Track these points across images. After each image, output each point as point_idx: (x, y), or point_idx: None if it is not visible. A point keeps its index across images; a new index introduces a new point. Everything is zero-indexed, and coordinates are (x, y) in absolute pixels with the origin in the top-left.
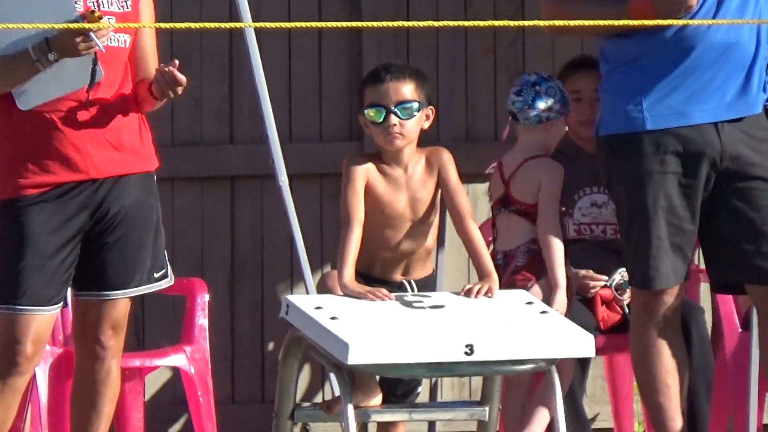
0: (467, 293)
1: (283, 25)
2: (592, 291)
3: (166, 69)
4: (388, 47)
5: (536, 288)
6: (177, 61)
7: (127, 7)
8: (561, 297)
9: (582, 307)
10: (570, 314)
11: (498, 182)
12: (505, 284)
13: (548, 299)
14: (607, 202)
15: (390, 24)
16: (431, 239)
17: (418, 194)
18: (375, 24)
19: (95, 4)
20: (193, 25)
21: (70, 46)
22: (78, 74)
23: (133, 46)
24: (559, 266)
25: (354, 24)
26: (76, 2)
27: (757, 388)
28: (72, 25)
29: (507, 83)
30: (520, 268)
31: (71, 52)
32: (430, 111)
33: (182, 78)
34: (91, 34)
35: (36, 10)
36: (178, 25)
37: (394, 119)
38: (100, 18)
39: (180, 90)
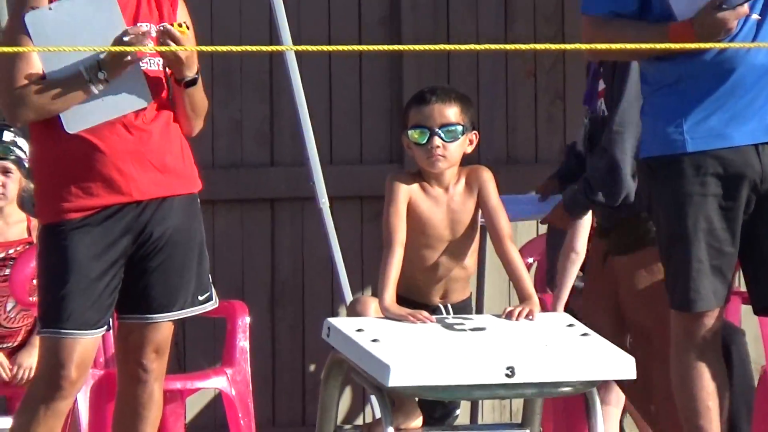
0: (508, 316)
1: (324, 48)
2: None
3: (161, 29)
4: (429, 70)
5: None
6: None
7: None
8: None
9: None
10: None
11: None
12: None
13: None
14: None
15: (430, 47)
16: (470, 261)
17: (458, 214)
18: (415, 47)
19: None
20: (234, 48)
21: (120, 62)
22: (125, 99)
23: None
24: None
25: (394, 47)
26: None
27: None
28: (117, 48)
29: (548, 106)
30: None
31: (121, 68)
32: (474, 135)
33: (173, 30)
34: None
35: (86, 35)
36: (219, 48)
37: (437, 141)
38: (182, 26)
39: (181, 52)
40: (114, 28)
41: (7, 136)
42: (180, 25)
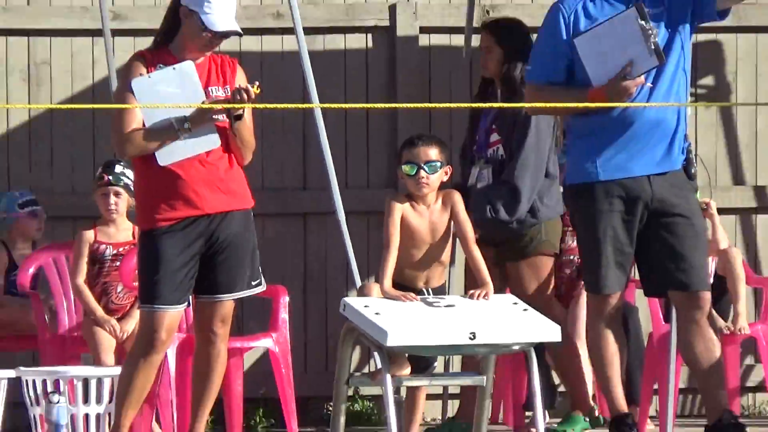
0: (471, 296)
1: (342, 105)
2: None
3: (241, 86)
4: (416, 121)
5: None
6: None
7: (228, 92)
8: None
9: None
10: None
11: None
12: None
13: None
14: None
15: (417, 105)
16: (445, 257)
17: (437, 225)
18: (406, 105)
19: (207, 93)
20: (278, 105)
21: (203, 118)
22: (201, 143)
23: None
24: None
25: (391, 105)
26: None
27: (676, 362)
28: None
29: None
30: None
31: (202, 123)
32: (448, 169)
33: (251, 90)
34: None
35: (174, 96)
36: (268, 105)
37: (423, 173)
38: (253, 91)
39: (248, 96)
40: (194, 91)
41: (118, 168)
42: (258, 87)
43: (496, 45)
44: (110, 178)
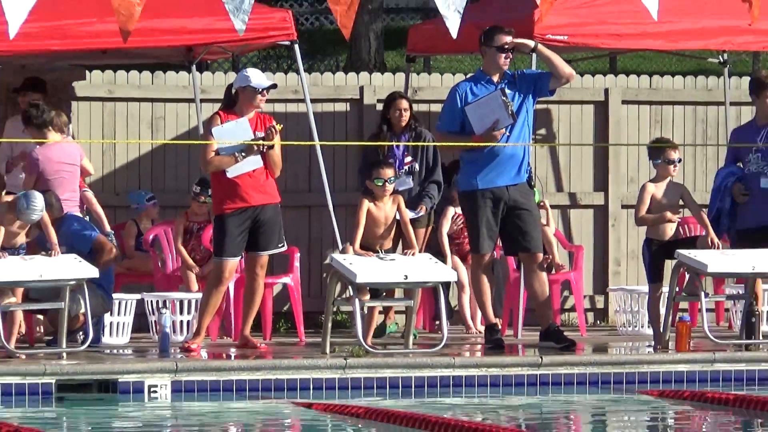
0: (405, 254)
1: (339, 143)
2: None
3: (268, 125)
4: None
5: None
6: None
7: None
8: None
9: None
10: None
11: None
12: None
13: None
14: None
15: (375, 144)
16: (393, 233)
17: (389, 215)
18: (369, 144)
19: (255, 132)
20: (294, 143)
21: (253, 149)
22: (251, 163)
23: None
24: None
25: (360, 143)
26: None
27: (524, 299)
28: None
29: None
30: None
31: (251, 153)
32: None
33: (273, 125)
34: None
35: (242, 136)
36: (285, 143)
37: (387, 185)
38: (277, 128)
39: (274, 133)
40: (247, 134)
41: (204, 182)
42: (280, 125)
43: (410, 108)
44: (202, 193)
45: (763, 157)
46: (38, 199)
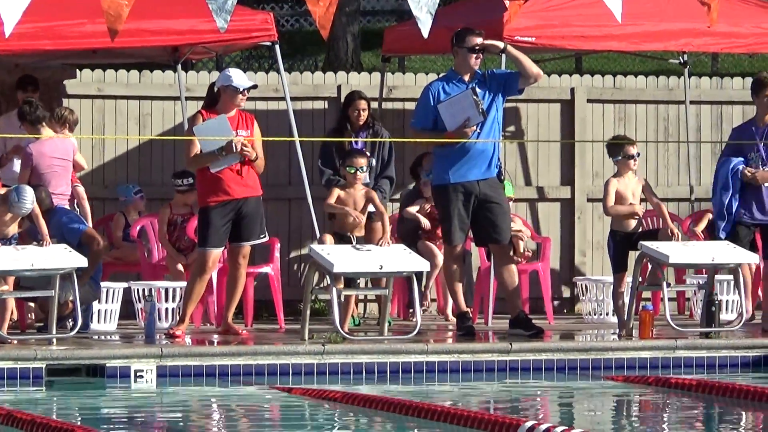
0: (379, 244)
1: (319, 139)
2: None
3: (241, 145)
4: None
5: None
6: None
7: (250, 133)
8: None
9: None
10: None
11: None
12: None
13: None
14: None
15: (349, 140)
16: (364, 221)
17: (359, 203)
18: (346, 140)
19: (236, 133)
20: (276, 138)
21: (230, 148)
22: (231, 159)
23: (252, 146)
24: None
25: (339, 139)
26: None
27: (494, 288)
28: (230, 138)
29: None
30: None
31: (230, 150)
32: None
33: (241, 146)
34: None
35: (219, 134)
36: (272, 138)
37: (359, 173)
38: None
39: (246, 150)
40: (227, 132)
41: (181, 173)
42: (248, 143)
43: (368, 108)
44: (185, 182)
45: (763, 156)
46: (29, 193)
